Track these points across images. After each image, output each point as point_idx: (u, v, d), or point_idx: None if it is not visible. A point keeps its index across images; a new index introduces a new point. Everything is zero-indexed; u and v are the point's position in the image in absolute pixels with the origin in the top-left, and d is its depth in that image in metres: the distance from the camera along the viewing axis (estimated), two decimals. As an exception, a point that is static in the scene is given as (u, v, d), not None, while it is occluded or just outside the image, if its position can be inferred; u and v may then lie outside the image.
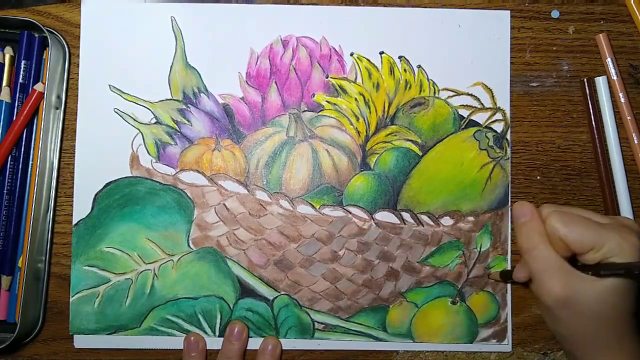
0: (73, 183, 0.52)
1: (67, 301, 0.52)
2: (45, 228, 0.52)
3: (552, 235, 0.43)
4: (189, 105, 0.53)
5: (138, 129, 0.53)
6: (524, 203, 0.46)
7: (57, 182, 0.52)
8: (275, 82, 0.53)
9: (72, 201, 0.52)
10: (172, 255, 0.52)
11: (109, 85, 0.53)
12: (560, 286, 0.42)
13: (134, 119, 0.53)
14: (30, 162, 0.53)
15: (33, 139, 0.53)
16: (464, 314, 0.53)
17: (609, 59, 0.53)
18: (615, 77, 0.53)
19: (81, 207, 0.52)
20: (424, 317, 0.53)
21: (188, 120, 0.53)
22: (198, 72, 0.53)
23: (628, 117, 0.53)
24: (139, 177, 0.52)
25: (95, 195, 0.52)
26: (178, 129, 0.53)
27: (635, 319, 0.44)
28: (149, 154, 0.52)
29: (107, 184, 0.52)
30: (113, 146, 0.52)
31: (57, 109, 0.53)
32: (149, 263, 0.52)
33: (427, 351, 0.53)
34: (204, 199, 0.52)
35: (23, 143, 0.52)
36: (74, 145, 0.53)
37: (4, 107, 0.52)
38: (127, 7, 0.53)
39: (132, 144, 0.53)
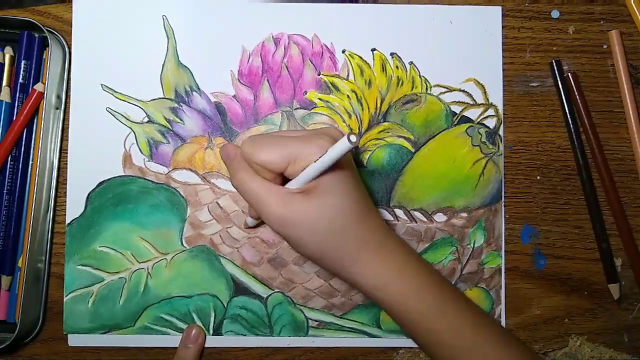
0: (69, 183, 0.53)
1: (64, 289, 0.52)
2: (45, 228, 0.52)
3: (250, 163, 0.42)
4: (181, 104, 0.53)
5: (130, 128, 0.53)
6: (226, 145, 0.45)
7: (57, 182, 0.53)
8: (267, 79, 0.53)
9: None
10: (165, 254, 0.52)
11: (101, 85, 0.53)
12: (274, 206, 0.41)
13: (127, 118, 0.53)
14: (30, 162, 0.53)
15: (33, 139, 0.53)
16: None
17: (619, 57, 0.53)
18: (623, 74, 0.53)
19: (74, 207, 0.52)
20: (417, 313, 0.53)
21: (180, 119, 0.53)
22: (190, 71, 0.53)
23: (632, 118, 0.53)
24: (132, 176, 0.52)
25: (88, 194, 0.52)
26: (170, 127, 0.53)
27: (373, 218, 0.43)
28: (142, 153, 0.53)
29: (100, 183, 0.52)
30: (106, 145, 0.53)
31: (57, 109, 0.53)
32: (143, 262, 0.52)
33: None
34: (197, 198, 0.52)
35: (23, 143, 0.52)
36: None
37: (4, 107, 0.52)
38: (118, 6, 0.53)
39: (124, 143, 0.53)
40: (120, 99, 0.53)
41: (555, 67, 0.53)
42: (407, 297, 0.43)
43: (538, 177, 0.54)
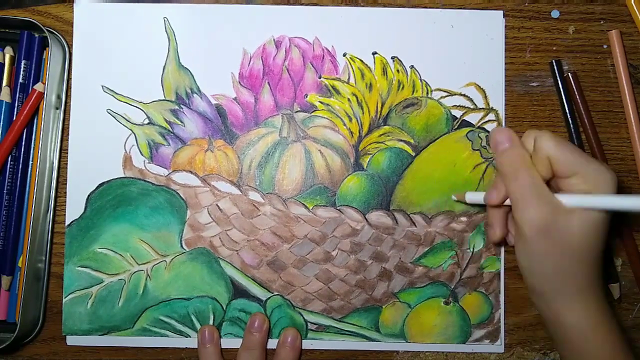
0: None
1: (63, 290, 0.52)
2: (45, 228, 0.52)
3: (540, 155, 0.41)
4: (182, 106, 0.53)
5: (131, 130, 0.53)
6: (503, 129, 0.44)
7: (57, 182, 0.53)
8: (268, 82, 0.53)
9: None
10: (165, 256, 0.52)
11: (102, 86, 0.53)
12: (542, 213, 0.40)
13: (127, 120, 0.53)
14: (30, 162, 0.53)
15: (33, 139, 0.53)
16: (457, 315, 0.53)
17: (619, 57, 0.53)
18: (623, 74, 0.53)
19: (74, 208, 0.52)
20: (416, 317, 0.53)
21: (181, 121, 0.53)
22: (191, 73, 0.53)
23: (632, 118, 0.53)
24: (132, 177, 0.52)
25: (88, 196, 0.52)
26: (171, 129, 0.53)
27: (602, 262, 0.42)
28: (142, 155, 0.53)
29: (100, 185, 0.52)
30: (106, 147, 0.53)
31: (57, 109, 0.53)
32: (142, 264, 0.52)
33: (427, 352, 0.53)
34: (196, 200, 0.52)
35: (23, 143, 0.52)
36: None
37: (4, 107, 0.52)
38: (120, 8, 0.53)
39: (125, 145, 0.53)
40: (121, 101, 0.53)
41: (555, 67, 0.53)
42: (603, 349, 0.41)
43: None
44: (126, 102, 0.53)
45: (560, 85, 0.53)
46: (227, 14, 0.53)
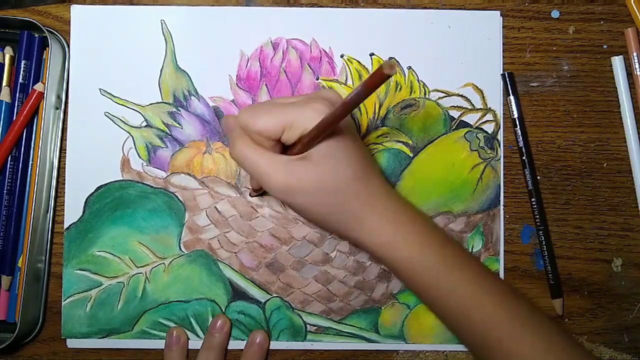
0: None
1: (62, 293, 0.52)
2: (45, 228, 0.52)
3: (248, 132, 0.42)
4: (180, 108, 0.53)
5: (129, 133, 0.53)
6: (227, 117, 0.45)
7: (57, 182, 0.53)
8: (266, 84, 0.53)
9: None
10: (163, 259, 0.52)
11: (100, 89, 0.53)
12: (275, 174, 0.41)
13: (125, 123, 0.53)
14: (30, 162, 0.53)
15: (33, 139, 0.53)
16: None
17: (634, 54, 0.53)
18: (638, 73, 0.53)
19: (72, 211, 0.52)
20: (416, 318, 0.53)
21: (179, 123, 0.53)
22: (188, 75, 0.53)
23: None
24: (130, 180, 0.52)
25: (87, 199, 0.52)
26: (169, 132, 0.53)
27: (375, 178, 0.44)
28: (140, 158, 0.53)
29: (98, 188, 0.52)
30: (104, 150, 0.53)
31: (57, 109, 0.53)
32: (141, 267, 0.52)
33: (428, 351, 0.53)
34: (195, 202, 0.52)
35: (23, 143, 0.52)
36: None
37: (4, 107, 0.52)
38: (116, 11, 0.53)
39: (122, 148, 0.53)
40: (119, 104, 0.53)
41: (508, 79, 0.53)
42: (411, 254, 0.43)
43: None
44: (124, 105, 0.53)
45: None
46: (224, 16, 0.53)
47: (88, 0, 0.54)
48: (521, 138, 0.53)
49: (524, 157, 0.53)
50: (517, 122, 0.53)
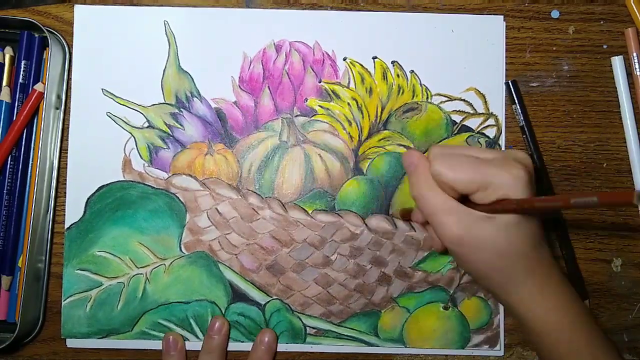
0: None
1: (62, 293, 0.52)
2: (45, 228, 0.52)
3: (438, 180, 0.42)
4: (182, 110, 0.53)
5: (131, 133, 0.53)
6: (411, 151, 0.46)
7: (57, 182, 0.53)
8: (268, 86, 0.53)
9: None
10: (164, 260, 0.52)
11: (102, 89, 0.53)
12: (453, 226, 0.41)
13: (127, 123, 0.53)
14: (30, 162, 0.53)
15: (33, 139, 0.53)
16: (456, 320, 0.53)
17: (634, 54, 0.53)
18: (638, 73, 0.53)
19: (73, 211, 0.52)
20: (415, 322, 0.53)
21: (181, 125, 0.53)
22: (191, 77, 0.53)
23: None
24: (132, 181, 0.52)
25: (88, 199, 0.52)
26: (171, 133, 0.53)
27: (544, 250, 0.43)
28: (142, 158, 0.53)
29: (100, 188, 0.52)
30: (105, 150, 0.53)
31: (57, 109, 0.53)
32: (141, 267, 0.52)
33: (428, 355, 0.53)
34: (196, 203, 0.52)
35: (23, 143, 0.52)
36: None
37: (4, 107, 0.52)
38: (119, 11, 0.53)
39: (124, 148, 0.53)
40: (121, 104, 0.53)
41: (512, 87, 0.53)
42: (562, 330, 0.43)
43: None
44: (126, 106, 0.53)
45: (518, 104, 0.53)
46: (228, 18, 0.53)
47: (88, 1, 0.54)
48: (532, 146, 0.53)
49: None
50: (526, 130, 0.53)
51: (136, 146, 0.53)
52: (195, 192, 0.52)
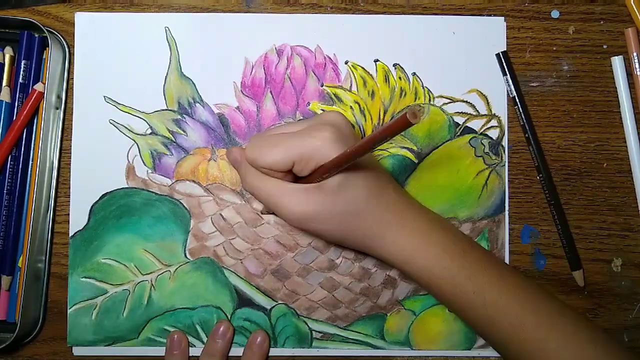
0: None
1: (67, 301, 0.52)
2: (45, 228, 0.52)
3: (257, 167, 0.43)
4: (184, 116, 0.53)
5: (134, 140, 0.53)
6: (231, 148, 0.47)
7: (57, 182, 0.52)
8: (270, 91, 0.53)
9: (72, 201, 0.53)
10: (169, 266, 0.52)
11: (104, 97, 0.53)
12: (290, 206, 0.42)
13: (130, 130, 0.53)
14: (30, 162, 0.53)
15: (33, 139, 0.53)
16: (462, 321, 0.53)
17: (634, 54, 0.53)
18: (638, 73, 0.54)
19: (77, 219, 0.52)
20: (421, 324, 0.53)
21: (183, 131, 0.53)
22: (193, 82, 0.53)
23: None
24: (135, 188, 0.52)
25: (92, 206, 0.52)
26: (174, 139, 0.53)
27: (389, 195, 0.44)
28: (145, 165, 0.52)
29: (103, 195, 0.52)
30: (109, 157, 0.52)
31: (57, 109, 0.53)
32: (146, 274, 0.52)
33: (434, 357, 0.53)
34: (200, 209, 0.52)
35: (23, 143, 0.52)
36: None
37: (4, 107, 0.52)
38: (120, 18, 0.53)
39: (127, 155, 0.52)
40: (123, 111, 0.53)
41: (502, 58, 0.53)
42: (431, 264, 0.44)
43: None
44: (128, 113, 0.53)
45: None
46: (229, 23, 0.53)
47: (88, 1, 0.54)
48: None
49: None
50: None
51: (139, 153, 0.52)
52: (199, 197, 0.52)
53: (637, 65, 0.53)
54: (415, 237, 0.44)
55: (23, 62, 0.52)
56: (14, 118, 0.52)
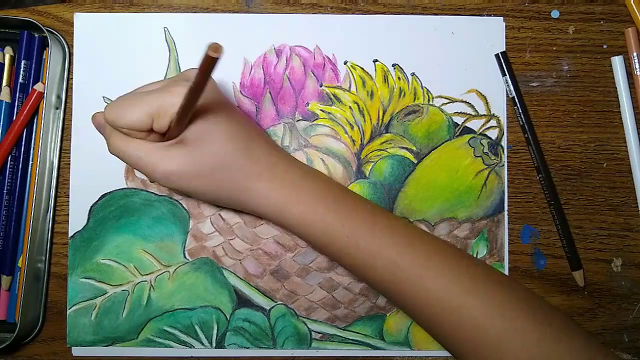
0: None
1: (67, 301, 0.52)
2: (45, 228, 0.52)
3: (118, 128, 0.42)
4: (183, 116, 0.53)
5: (133, 141, 0.53)
6: (96, 114, 0.46)
7: (57, 182, 0.53)
8: (270, 91, 0.53)
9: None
10: (168, 267, 0.52)
11: (103, 97, 0.53)
12: (155, 166, 0.42)
13: (129, 130, 0.53)
14: (30, 162, 0.53)
15: (33, 139, 0.53)
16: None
17: (634, 54, 0.53)
18: (638, 73, 0.53)
19: (77, 220, 0.52)
20: (421, 325, 0.53)
21: (183, 131, 0.53)
22: (192, 83, 0.53)
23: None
24: (134, 188, 0.52)
25: (91, 207, 0.52)
26: (173, 139, 0.53)
27: (256, 146, 0.44)
28: (144, 165, 0.52)
29: (103, 196, 0.52)
30: (108, 158, 0.52)
31: (57, 109, 0.53)
32: (145, 274, 0.52)
33: (429, 357, 0.53)
34: (199, 210, 0.52)
35: (23, 143, 0.52)
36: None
37: (4, 107, 0.52)
38: (119, 18, 0.53)
39: (127, 156, 0.52)
40: (122, 112, 0.53)
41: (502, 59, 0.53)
42: (305, 215, 0.44)
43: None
44: (128, 113, 0.53)
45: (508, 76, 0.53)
46: (228, 23, 0.53)
47: (88, 1, 0.54)
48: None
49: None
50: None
51: (138, 153, 0.52)
52: (198, 198, 0.52)
53: (637, 65, 0.53)
54: (287, 188, 0.44)
55: (23, 62, 0.52)
56: (14, 118, 0.52)
